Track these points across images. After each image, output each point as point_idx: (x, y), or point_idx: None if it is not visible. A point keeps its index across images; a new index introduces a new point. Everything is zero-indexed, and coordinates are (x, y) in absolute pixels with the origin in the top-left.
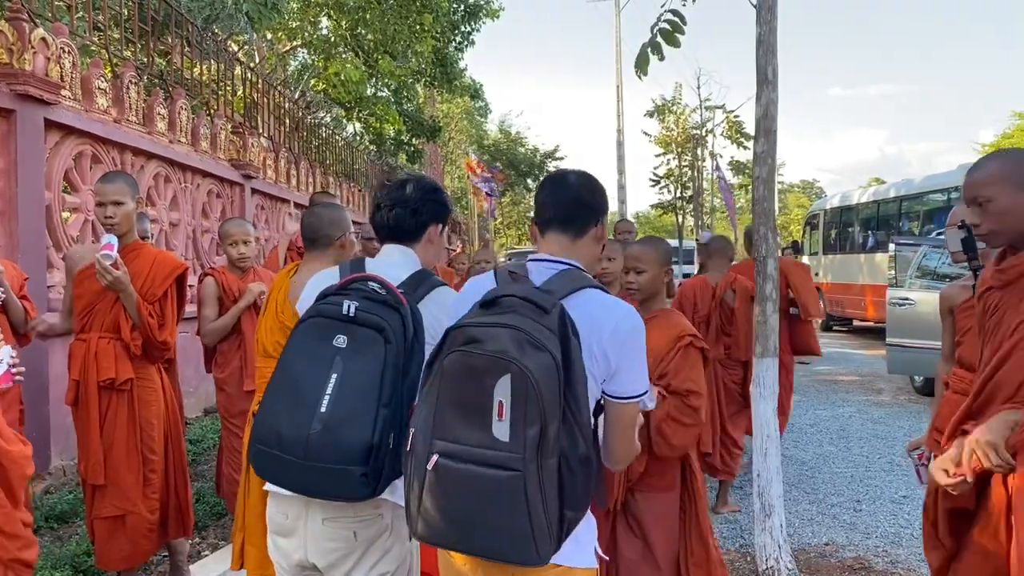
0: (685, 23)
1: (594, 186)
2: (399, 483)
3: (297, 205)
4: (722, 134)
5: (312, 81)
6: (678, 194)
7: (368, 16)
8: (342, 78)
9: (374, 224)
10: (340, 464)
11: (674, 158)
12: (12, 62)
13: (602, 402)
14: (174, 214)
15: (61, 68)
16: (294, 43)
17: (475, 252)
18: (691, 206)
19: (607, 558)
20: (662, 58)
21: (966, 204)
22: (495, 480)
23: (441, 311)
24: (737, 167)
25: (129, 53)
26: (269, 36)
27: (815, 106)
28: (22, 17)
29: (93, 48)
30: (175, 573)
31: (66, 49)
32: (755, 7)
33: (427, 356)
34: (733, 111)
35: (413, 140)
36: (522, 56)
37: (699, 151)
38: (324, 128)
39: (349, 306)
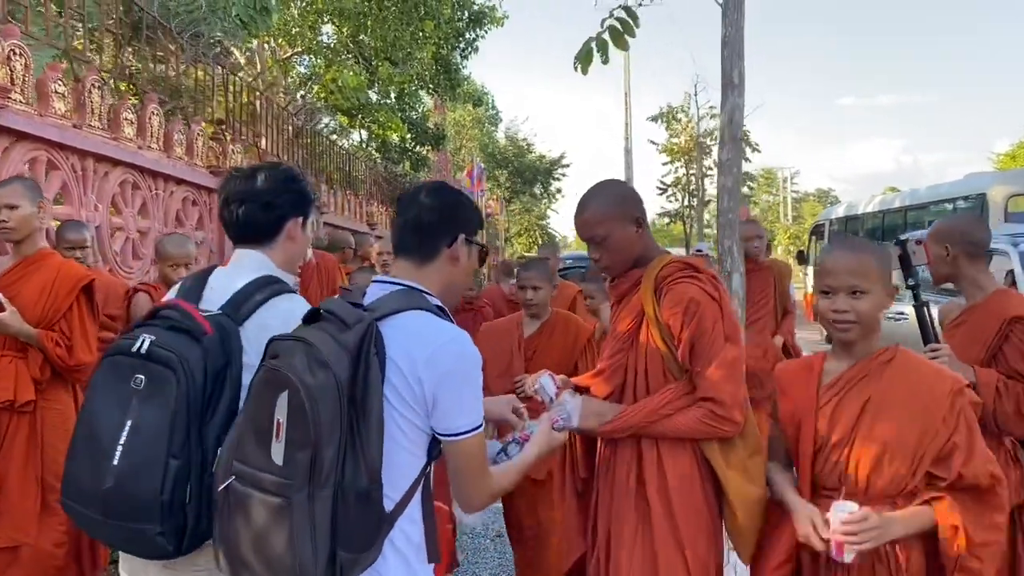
0: (638, 24)
1: (443, 202)
2: None
3: None
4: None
5: (315, 88)
6: (685, 202)
7: (369, 22)
8: (339, 84)
9: (222, 221)
10: (135, 522)
11: (681, 166)
12: None
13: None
14: (143, 222)
15: (12, 71)
16: (295, 49)
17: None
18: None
19: None
20: (606, 60)
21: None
22: (266, 506)
23: (274, 324)
24: (742, 178)
25: (95, 56)
26: (271, 43)
27: (829, 116)
28: None
29: (70, 53)
30: None
31: (17, 51)
32: (720, 5)
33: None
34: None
35: (417, 148)
36: (529, 64)
37: (702, 160)
38: (323, 137)
39: (144, 340)
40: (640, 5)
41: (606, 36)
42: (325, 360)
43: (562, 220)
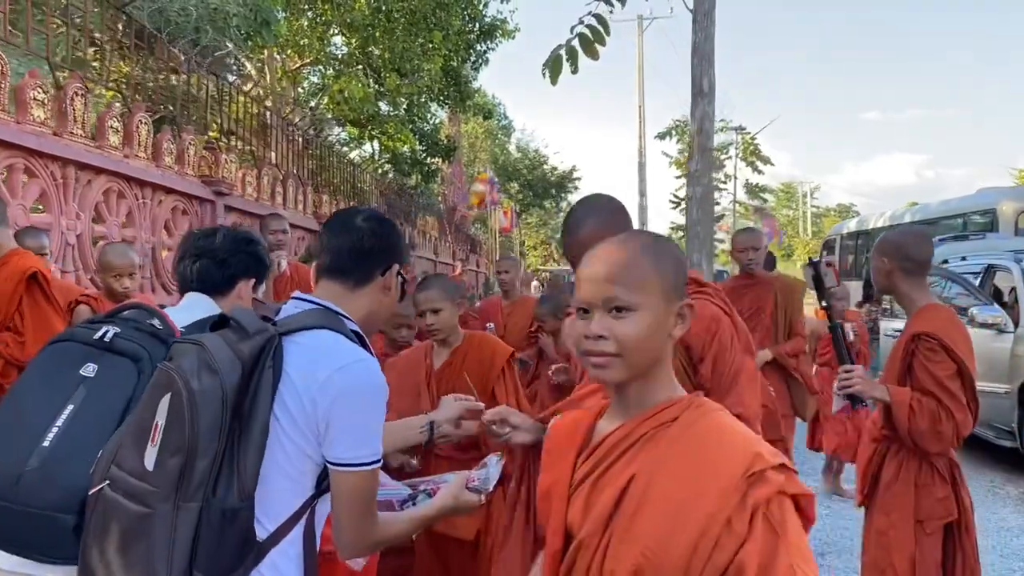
0: (608, 33)
1: (384, 230)
2: None
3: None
4: (737, 155)
5: (325, 100)
6: None
7: (377, 33)
8: (346, 95)
9: (178, 277)
10: (50, 510)
11: None
12: None
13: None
14: (128, 231)
15: None
16: (305, 60)
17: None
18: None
19: None
20: (576, 70)
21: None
22: (128, 515)
23: None
24: (752, 190)
25: (99, 66)
26: (281, 55)
27: (851, 130)
28: None
29: (51, 61)
30: None
31: None
32: (691, 11)
33: None
34: (751, 133)
35: (428, 159)
36: (542, 78)
37: (712, 174)
38: (329, 148)
39: (107, 332)
40: (611, 12)
41: (576, 44)
42: (215, 366)
43: None
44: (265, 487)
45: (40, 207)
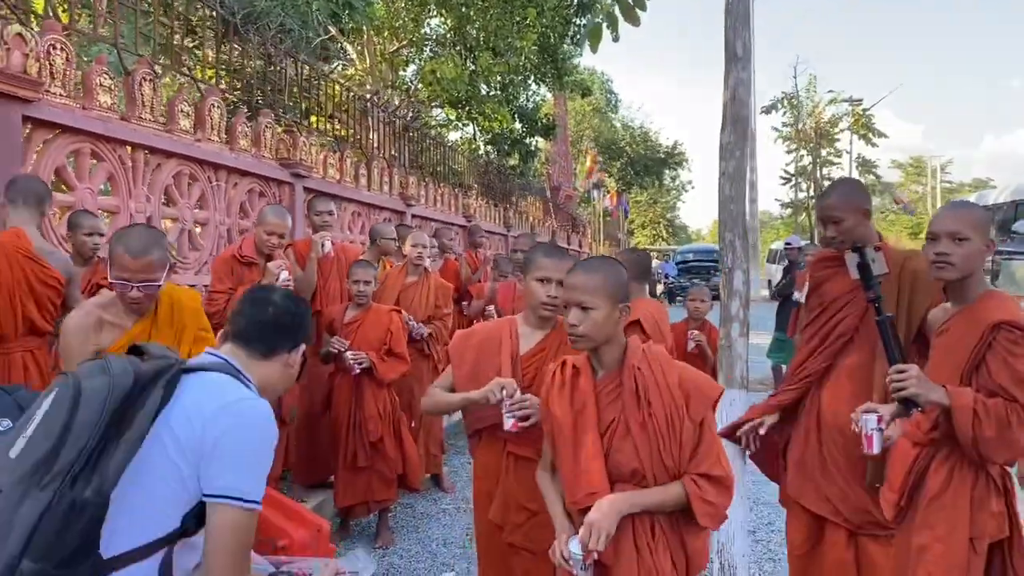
0: None
1: (299, 310)
2: None
3: (366, 205)
4: (848, 128)
5: (419, 82)
6: (810, 193)
7: (472, 13)
8: (437, 75)
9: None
10: None
11: (807, 154)
12: None
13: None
14: (202, 213)
15: (51, 65)
16: (402, 43)
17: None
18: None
19: None
20: (616, 38)
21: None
22: None
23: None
24: (864, 165)
25: (187, 53)
26: (378, 38)
27: (993, 100)
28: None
29: (118, 46)
30: None
31: (57, 45)
32: None
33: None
34: (865, 105)
35: (527, 139)
36: (650, 49)
37: (821, 147)
38: (421, 131)
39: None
40: None
41: (616, 10)
42: (109, 370)
43: (690, 212)
44: (127, 503)
45: (105, 187)
